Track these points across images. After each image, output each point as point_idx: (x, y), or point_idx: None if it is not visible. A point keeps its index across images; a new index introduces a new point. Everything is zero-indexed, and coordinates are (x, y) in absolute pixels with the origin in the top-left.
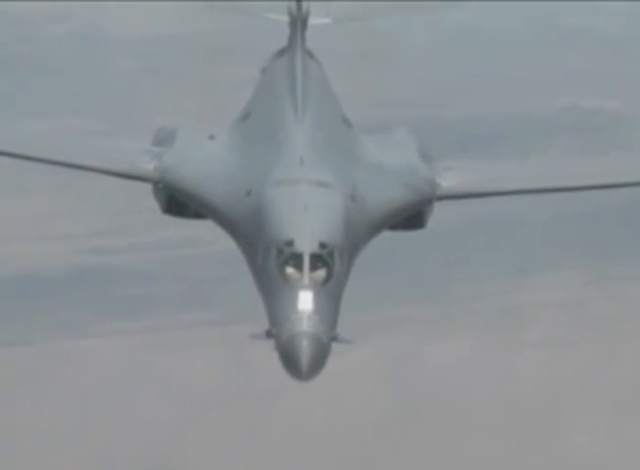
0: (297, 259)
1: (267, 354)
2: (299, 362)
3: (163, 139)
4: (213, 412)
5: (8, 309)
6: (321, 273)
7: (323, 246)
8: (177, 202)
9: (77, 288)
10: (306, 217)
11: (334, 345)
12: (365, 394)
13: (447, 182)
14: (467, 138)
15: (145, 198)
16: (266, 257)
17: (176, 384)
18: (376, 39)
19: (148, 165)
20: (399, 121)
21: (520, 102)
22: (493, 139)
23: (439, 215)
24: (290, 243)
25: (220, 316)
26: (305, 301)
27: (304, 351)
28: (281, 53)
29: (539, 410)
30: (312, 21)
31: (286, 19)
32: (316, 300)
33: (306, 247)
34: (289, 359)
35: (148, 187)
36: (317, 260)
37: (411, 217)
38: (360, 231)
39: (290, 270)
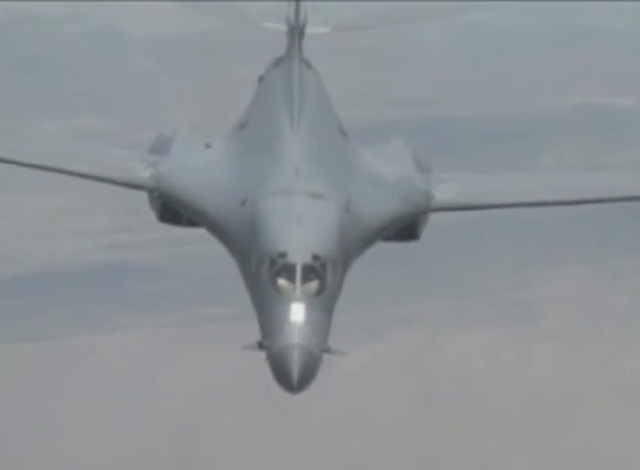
0: (289, 271)
1: None
2: (290, 374)
3: (160, 147)
4: (232, 407)
5: (27, 305)
6: (313, 285)
7: (316, 257)
8: (172, 210)
9: (96, 284)
10: (300, 229)
11: (325, 356)
12: (382, 388)
13: (442, 194)
14: (480, 136)
15: None
16: (259, 267)
17: (196, 378)
18: (385, 36)
19: (143, 173)
20: (412, 119)
21: (532, 100)
22: (506, 137)
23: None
24: (282, 254)
25: (239, 311)
26: (297, 312)
27: (295, 362)
28: (278, 62)
29: (556, 404)
30: (310, 30)
31: (284, 28)
32: (308, 311)
33: (299, 258)
34: (280, 371)
35: None
36: (310, 272)
37: (405, 229)
38: (354, 242)
39: (282, 282)
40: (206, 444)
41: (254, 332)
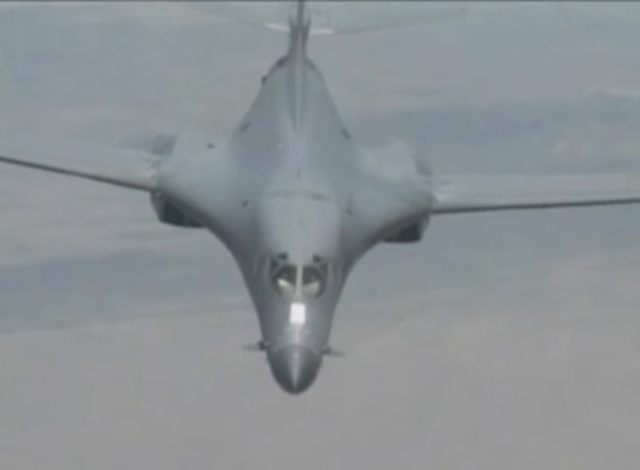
0: (290, 272)
1: None
2: (290, 375)
3: (162, 147)
4: (245, 394)
5: (42, 294)
6: (314, 286)
7: (317, 259)
8: (174, 210)
9: (111, 272)
10: (301, 230)
11: (326, 357)
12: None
13: (444, 196)
14: (493, 126)
15: None
16: (260, 268)
17: (210, 366)
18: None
19: (146, 173)
20: (424, 110)
21: (547, 90)
22: (519, 127)
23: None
24: (283, 255)
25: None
26: (298, 314)
27: (295, 364)
28: (281, 63)
29: (570, 392)
30: (313, 31)
31: (287, 29)
32: (308, 313)
33: (300, 260)
34: (280, 372)
35: None
36: (310, 273)
37: (407, 230)
38: (355, 244)
39: (283, 283)
40: (220, 429)
41: None
